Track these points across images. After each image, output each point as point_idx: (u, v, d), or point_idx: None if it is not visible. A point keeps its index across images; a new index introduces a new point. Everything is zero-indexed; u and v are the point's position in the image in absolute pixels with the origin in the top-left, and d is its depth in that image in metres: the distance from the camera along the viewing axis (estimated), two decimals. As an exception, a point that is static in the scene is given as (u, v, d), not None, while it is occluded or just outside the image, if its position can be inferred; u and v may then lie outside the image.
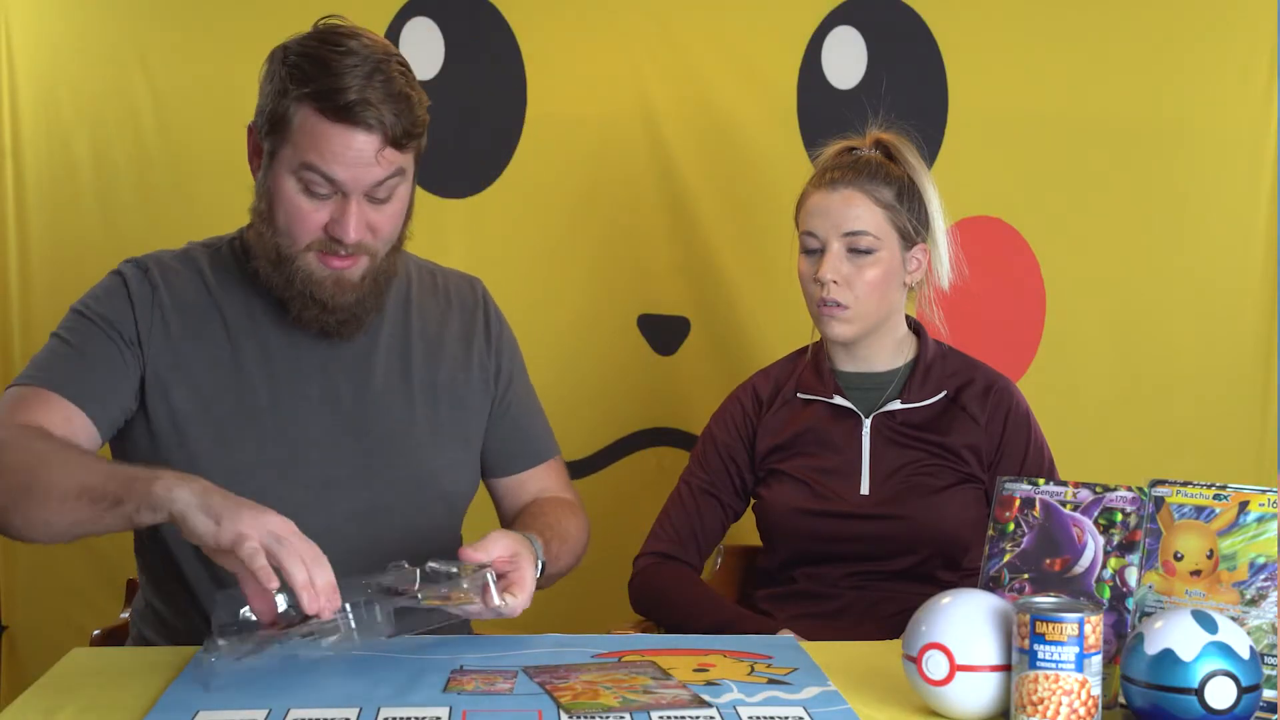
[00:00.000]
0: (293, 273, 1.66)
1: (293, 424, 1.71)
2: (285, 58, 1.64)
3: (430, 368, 1.81)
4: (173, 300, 1.73)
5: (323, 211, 1.64)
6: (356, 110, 1.59)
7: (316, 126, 1.60)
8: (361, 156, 1.61)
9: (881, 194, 1.99)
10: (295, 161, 1.62)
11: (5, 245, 2.64)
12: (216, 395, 1.70)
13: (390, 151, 1.62)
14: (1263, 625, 1.37)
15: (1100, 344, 2.75)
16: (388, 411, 1.76)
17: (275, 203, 1.65)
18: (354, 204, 1.63)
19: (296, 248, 1.65)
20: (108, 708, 1.37)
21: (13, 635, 2.68)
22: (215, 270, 1.76)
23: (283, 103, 1.62)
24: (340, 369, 1.75)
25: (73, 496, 1.47)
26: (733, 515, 2.11)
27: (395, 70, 1.63)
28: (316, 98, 1.59)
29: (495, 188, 2.66)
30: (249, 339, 1.73)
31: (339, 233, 1.63)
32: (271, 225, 1.66)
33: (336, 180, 1.62)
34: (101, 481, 1.46)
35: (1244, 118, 2.73)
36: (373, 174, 1.62)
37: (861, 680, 1.48)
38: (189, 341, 1.71)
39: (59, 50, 2.62)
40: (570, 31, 2.66)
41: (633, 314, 2.72)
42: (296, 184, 1.63)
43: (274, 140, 1.64)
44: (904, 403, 2.01)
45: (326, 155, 1.60)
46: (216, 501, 1.40)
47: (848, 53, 2.69)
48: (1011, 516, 1.51)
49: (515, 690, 1.41)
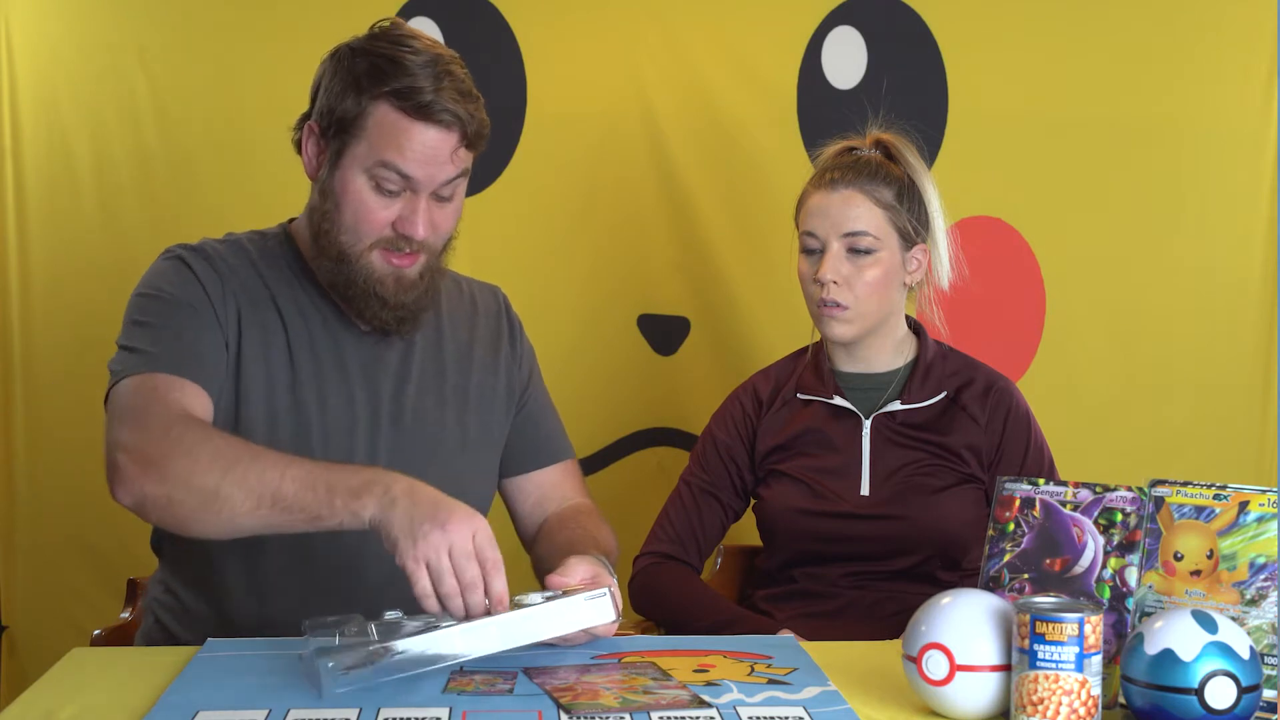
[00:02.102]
0: (356, 271, 1.68)
1: (337, 422, 1.72)
2: (354, 57, 1.66)
3: (462, 374, 1.83)
4: (235, 283, 1.72)
5: (391, 209, 1.66)
6: (436, 108, 1.62)
7: (397, 123, 1.63)
8: (438, 154, 1.64)
9: (881, 194, 1.99)
10: (371, 159, 1.64)
11: (5, 245, 2.64)
12: (273, 383, 1.71)
13: (463, 151, 1.66)
14: (1263, 625, 1.37)
15: (1100, 344, 2.75)
16: (423, 415, 1.77)
17: (343, 200, 1.67)
18: (423, 201, 1.66)
19: (362, 245, 1.67)
20: (108, 708, 1.37)
21: (13, 635, 2.68)
22: (266, 261, 1.77)
23: (357, 100, 1.64)
24: (380, 371, 1.76)
25: (267, 503, 1.48)
26: (733, 515, 2.12)
27: (460, 71, 1.67)
28: (396, 95, 1.62)
29: (495, 188, 2.66)
30: (300, 333, 1.74)
31: (408, 230, 1.66)
32: (337, 223, 1.68)
33: (412, 177, 1.64)
34: (299, 491, 1.47)
35: (1244, 117, 2.73)
36: (445, 172, 1.65)
37: (861, 680, 1.47)
38: (252, 327, 1.71)
39: (59, 50, 2.62)
40: (570, 31, 2.66)
41: (633, 314, 2.72)
42: (368, 181, 1.65)
43: (343, 139, 1.66)
44: (904, 403, 2.01)
45: (406, 152, 1.63)
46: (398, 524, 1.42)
47: (848, 53, 2.69)
48: (1011, 516, 1.51)
49: (515, 691, 1.41)
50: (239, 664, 1.50)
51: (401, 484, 1.46)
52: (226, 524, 1.51)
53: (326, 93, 1.68)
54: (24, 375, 2.65)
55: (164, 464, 1.51)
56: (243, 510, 1.48)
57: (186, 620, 1.74)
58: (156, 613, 1.78)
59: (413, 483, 1.47)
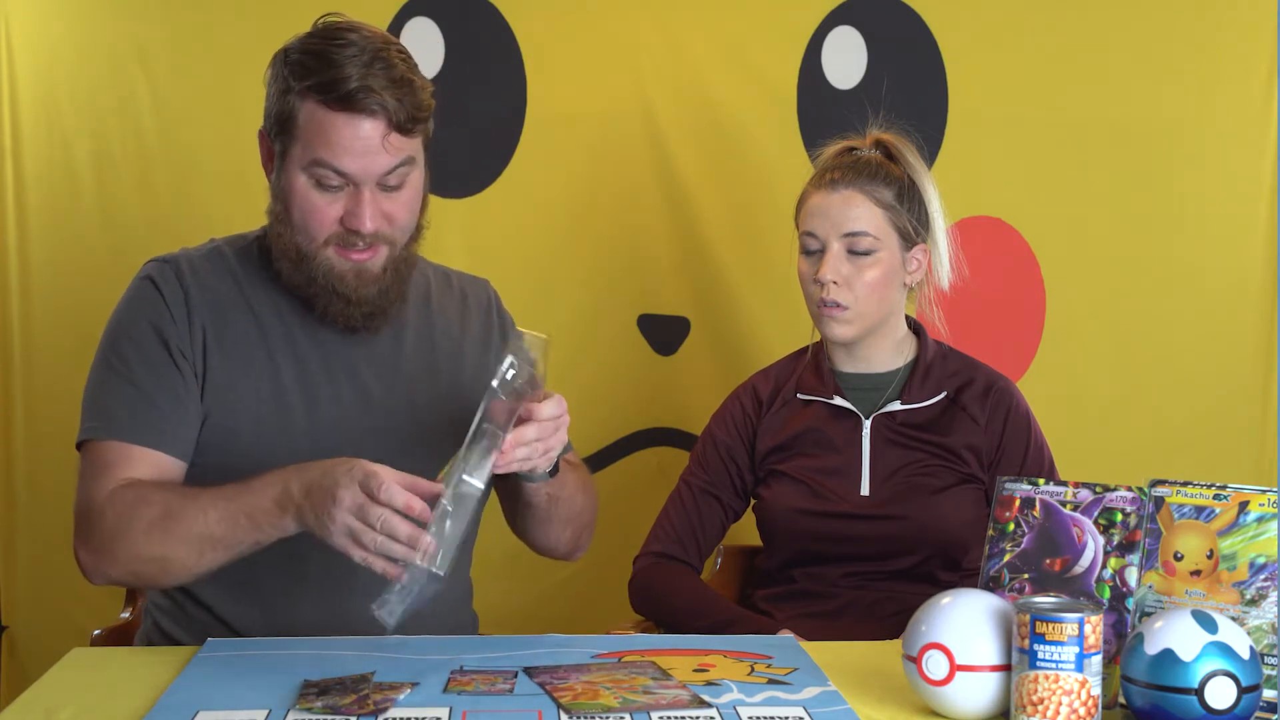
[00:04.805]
0: (314, 269, 1.67)
1: (326, 424, 1.72)
2: (286, 57, 1.66)
3: (454, 369, 1.82)
4: (206, 301, 1.73)
5: (336, 205, 1.65)
6: (359, 97, 1.59)
7: (322, 118, 1.61)
8: (369, 145, 1.61)
9: (881, 194, 1.99)
10: (305, 158, 1.63)
11: (5, 245, 2.63)
12: (253, 396, 1.71)
13: (396, 137, 1.63)
14: (1263, 625, 1.37)
15: (1100, 344, 2.75)
16: (417, 410, 1.77)
17: (290, 202, 1.66)
18: (366, 194, 1.64)
19: (315, 244, 1.66)
20: (108, 708, 1.37)
21: (13, 635, 2.68)
22: (244, 268, 1.77)
23: (287, 100, 1.63)
24: (370, 368, 1.76)
25: (209, 549, 1.56)
26: (733, 515, 2.11)
27: (395, 57, 1.64)
28: (318, 90, 1.60)
29: (495, 188, 2.66)
30: (281, 339, 1.74)
31: (355, 224, 1.64)
32: (289, 224, 1.67)
33: (346, 172, 1.62)
34: (228, 531, 1.54)
35: (1244, 118, 2.73)
36: (381, 162, 1.63)
37: (861, 680, 1.48)
38: (226, 344, 1.72)
39: (59, 50, 2.61)
40: (570, 31, 2.66)
41: (633, 314, 2.72)
42: (308, 180, 1.64)
43: (283, 140, 1.65)
44: (904, 403, 2.01)
45: (335, 147, 1.61)
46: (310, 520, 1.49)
47: (848, 53, 2.68)
48: (1011, 516, 1.51)
49: (515, 691, 1.41)
50: (239, 664, 1.50)
51: (294, 482, 1.51)
52: (190, 574, 1.60)
53: (268, 96, 1.68)
54: (24, 375, 2.64)
55: (111, 548, 1.61)
56: (193, 561, 1.57)
57: (185, 623, 1.74)
58: (155, 616, 1.78)
59: (299, 471, 1.51)
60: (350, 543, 1.45)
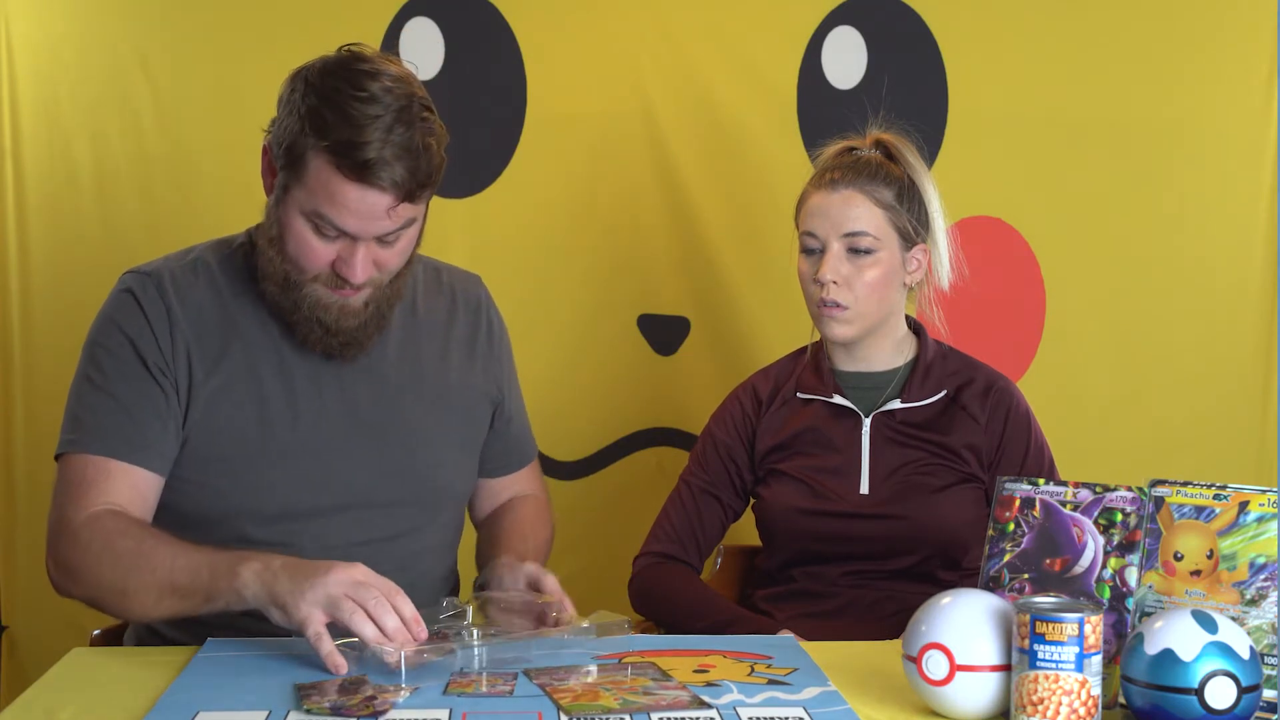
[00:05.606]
0: (299, 298, 1.68)
1: (313, 435, 1.72)
2: (306, 94, 1.62)
3: (440, 370, 1.82)
4: (189, 317, 1.72)
5: (331, 250, 1.64)
6: (374, 170, 1.57)
7: (331, 180, 1.59)
8: (374, 211, 1.61)
9: (881, 194, 1.99)
10: (308, 206, 1.62)
11: (5, 245, 2.63)
12: (238, 411, 1.70)
13: (404, 206, 1.62)
14: (1263, 625, 1.37)
15: (1100, 344, 2.75)
16: (404, 415, 1.77)
17: (285, 234, 1.65)
18: (361, 249, 1.64)
19: (304, 277, 1.67)
20: (108, 708, 1.37)
21: (13, 635, 2.68)
22: (227, 277, 1.76)
23: (300, 142, 1.60)
24: (355, 376, 1.76)
25: (167, 595, 1.57)
26: (732, 515, 2.11)
27: (417, 117, 1.61)
28: (334, 151, 1.58)
29: (495, 188, 2.66)
30: (265, 351, 1.73)
31: (346, 273, 1.64)
32: (281, 253, 1.67)
33: (347, 231, 1.62)
34: (189, 580, 1.55)
35: (1244, 118, 2.73)
36: (383, 225, 1.63)
37: (861, 680, 1.48)
38: (209, 360, 1.71)
39: (59, 51, 2.61)
40: (570, 31, 2.66)
41: (633, 314, 2.72)
42: (307, 224, 1.63)
43: (288, 175, 1.63)
44: (904, 402, 2.01)
45: (340, 209, 1.60)
46: (282, 587, 1.48)
47: (848, 53, 2.68)
48: (1011, 516, 1.51)
49: (515, 692, 1.41)
50: (239, 664, 1.50)
51: (280, 559, 1.52)
52: (145, 614, 1.62)
53: (280, 117, 1.65)
54: (24, 375, 2.64)
55: (80, 572, 1.63)
56: (150, 603, 1.59)
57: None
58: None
59: (290, 558, 1.52)
60: (317, 611, 1.45)
